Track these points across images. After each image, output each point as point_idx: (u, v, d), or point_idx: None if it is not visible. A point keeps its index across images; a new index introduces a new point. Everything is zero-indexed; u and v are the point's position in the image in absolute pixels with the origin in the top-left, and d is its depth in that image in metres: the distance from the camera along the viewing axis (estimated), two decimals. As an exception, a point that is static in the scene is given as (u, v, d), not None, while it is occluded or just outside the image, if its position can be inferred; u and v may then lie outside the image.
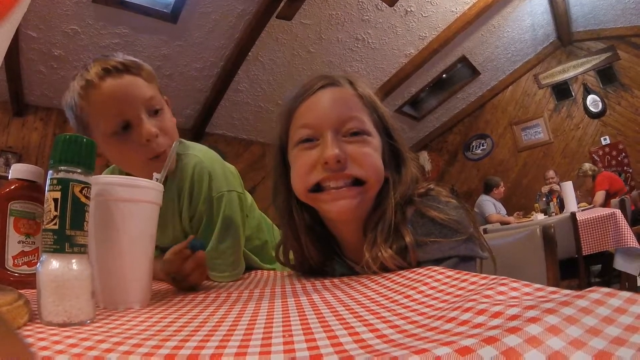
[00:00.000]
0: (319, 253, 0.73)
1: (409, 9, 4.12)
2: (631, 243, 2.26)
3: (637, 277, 2.37)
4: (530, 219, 3.84)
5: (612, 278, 2.75)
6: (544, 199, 4.29)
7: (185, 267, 0.66)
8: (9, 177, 0.66)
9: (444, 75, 5.57)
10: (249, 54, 3.89)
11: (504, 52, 5.51)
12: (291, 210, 0.71)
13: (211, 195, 0.87)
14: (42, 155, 3.78)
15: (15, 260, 0.64)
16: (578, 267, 2.13)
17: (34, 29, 3.06)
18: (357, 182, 0.63)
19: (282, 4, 3.30)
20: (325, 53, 4.34)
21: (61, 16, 3.04)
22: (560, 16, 5.06)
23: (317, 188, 0.64)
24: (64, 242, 0.38)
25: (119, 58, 0.76)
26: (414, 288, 0.43)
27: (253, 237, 1.08)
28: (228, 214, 0.87)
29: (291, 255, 0.79)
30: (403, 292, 0.43)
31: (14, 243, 0.64)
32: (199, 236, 0.88)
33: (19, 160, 3.66)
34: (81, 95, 0.74)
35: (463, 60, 5.33)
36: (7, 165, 3.58)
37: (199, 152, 0.91)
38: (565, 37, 5.47)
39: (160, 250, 0.92)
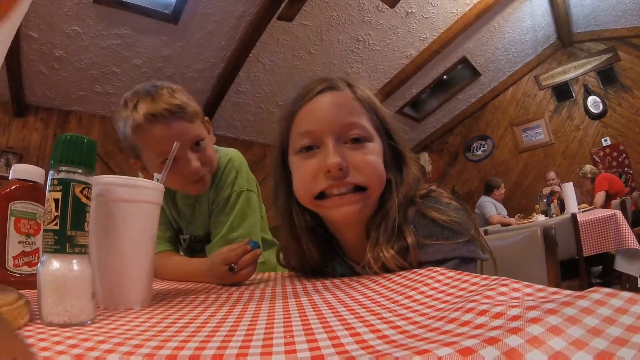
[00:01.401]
0: (320, 253, 0.73)
1: (409, 10, 4.12)
2: (632, 244, 2.26)
3: (638, 278, 2.37)
4: (531, 220, 3.84)
5: (613, 279, 2.75)
6: (545, 200, 4.29)
7: (245, 260, 0.72)
8: (10, 178, 0.66)
9: (444, 77, 5.57)
10: (250, 55, 3.90)
11: (505, 54, 5.51)
12: (291, 212, 0.71)
13: (232, 189, 1.00)
14: (42, 156, 3.78)
15: (16, 261, 0.64)
16: (579, 268, 2.13)
17: (35, 30, 3.07)
18: (359, 187, 0.63)
19: (283, 6, 3.30)
20: (326, 54, 4.34)
21: (62, 17, 3.04)
22: (560, 17, 5.06)
23: (320, 195, 0.64)
24: (65, 242, 0.38)
25: (164, 100, 0.87)
26: (415, 289, 0.43)
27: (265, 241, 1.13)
28: (244, 210, 0.99)
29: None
30: (404, 293, 0.42)
31: (15, 243, 0.64)
32: (214, 221, 1.01)
33: (20, 160, 3.66)
34: (134, 132, 0.87)
35: (464, 61, 5.33)
36: (8, 165, 3.59)
37: (232, 152, 1.07)
38: (566, 38, 5.48)
39: (182, 242, 1.09)
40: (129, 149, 0.93)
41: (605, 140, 5.28)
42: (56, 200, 0.38)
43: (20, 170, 0.66)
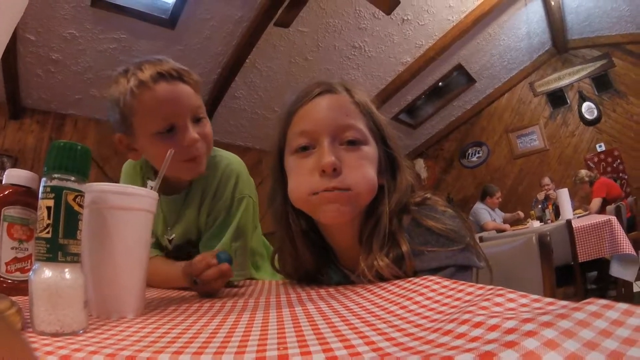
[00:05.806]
0: (315, 259, 0.72)
1: (405, 18, 4.15)
2: (627, 249, 2.26)
3: (634, 284, 2.38)
4: (526, 226, 3.85)
5: (609, 284, 2.76)
6: (540, 206, 4.31)
7: (208, 274, 0.67)
8: (3, 182, 0.66)
9: (440, 83, 5.60)
10: (247, 61, 3.90)
11: (500, 60, 5.55)
12: (288, 214, 0.71)
13: (234, 196, 0.94)
14: (38, 159, 3.76)
15: (8, 267, 0.63)
16: (574, 274, 2.13)
17: (32, 33, 3.06)
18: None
19: (280, 12, 3.32)
20: (323, 61, 4.35)
21: (59, 20, 3.04)
22: (555, 24, 5.11)
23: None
24: (57, 250, 0.38)
25: (171, 64, 0.82)
26: (410, 298, 0.43)
27: (256, 252, 1.08)
28: (245, 217, 0.94)
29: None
30: (399, 303, 0.42)
31: (7, 249, 0.63)
32: (213, 232, 0.93)
33: (15, 163, 3.63)
34: (133, 94, 0.78)
35: (459, 68, 5.36)
36: (3, 168, 3.56)
37: (229, 155, 1.02)
38: (561, 45, 5.53)
39: (158, 248, 0.99)
40: (119, 120, 0.83)
41: (600, 146, 5.32)
42: (48, 208, 0.38)
43: (14, 176, 0.66)
